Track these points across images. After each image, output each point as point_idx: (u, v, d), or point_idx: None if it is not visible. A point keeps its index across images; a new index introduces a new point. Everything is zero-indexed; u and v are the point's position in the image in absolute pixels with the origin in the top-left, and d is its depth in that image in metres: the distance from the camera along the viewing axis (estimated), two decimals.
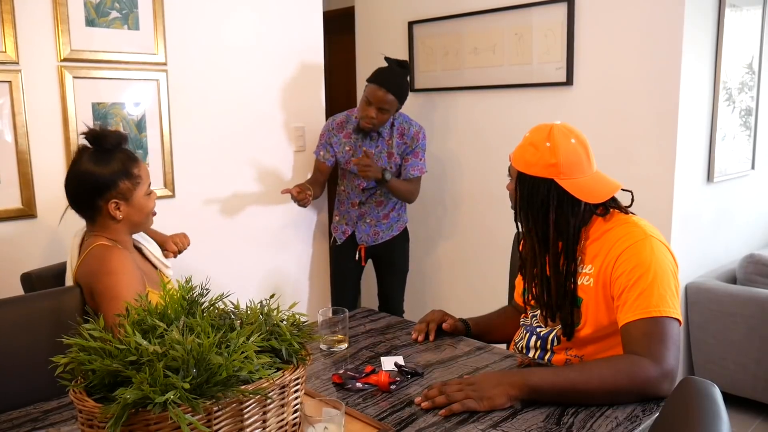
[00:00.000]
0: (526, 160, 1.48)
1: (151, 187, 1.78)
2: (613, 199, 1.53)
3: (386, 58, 2.75)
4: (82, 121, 2.22)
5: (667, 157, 2.60)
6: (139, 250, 1.85)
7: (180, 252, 2.04)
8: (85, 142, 1.68)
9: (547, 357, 1.56)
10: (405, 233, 3.02)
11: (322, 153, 2.83)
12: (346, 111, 2.86)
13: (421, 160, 2.84)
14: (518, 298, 1.75)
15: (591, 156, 1.50)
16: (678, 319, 1.35)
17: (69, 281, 1.72)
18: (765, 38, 3.10)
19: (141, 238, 1.90)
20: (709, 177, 2.85)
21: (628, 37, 2.64)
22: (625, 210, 1.53)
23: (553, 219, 1.47)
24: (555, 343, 1.54)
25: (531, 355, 1.60)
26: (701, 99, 2.73)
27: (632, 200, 1.56)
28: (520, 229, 1.57)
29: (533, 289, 1.58)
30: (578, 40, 2.78)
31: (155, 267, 1.86)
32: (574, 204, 1.47)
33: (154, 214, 1.80)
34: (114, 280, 1.57)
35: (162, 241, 1.99)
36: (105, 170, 1.64)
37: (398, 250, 3.00)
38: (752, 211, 3.37)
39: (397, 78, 2.66)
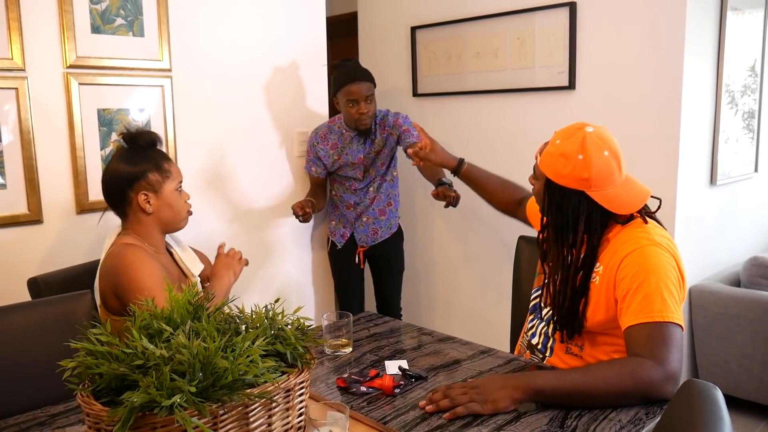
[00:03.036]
0: (557, 170, 1.47)
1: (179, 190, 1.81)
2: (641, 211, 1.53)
3: (333, 65, 2.79)
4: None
5: (670, 160, 2.60)
6: (171, 254, 1.88)
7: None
8: (122, 143, 1.77)
9: (549, 344, 1.60)
10: (400, 232, 3.05)
11: (313, 168, 2.86)
12: (326, 122, 2.88)
13: (412, 133, 2.79)
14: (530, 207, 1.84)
15: (622, 164, 1.49)
16: (681, 326, 1.36)
17: (97, 278, 1.75)
18: (767, 41, 3.10)
19: (175, 243, 1.92)
20: (712, 180, 2.86)
21: (630, 41, 2.65)
22: (646, 217, 1.51)
23: (582, 230, 1.48)
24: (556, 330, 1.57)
25: (534, 341, 1.63)
26: (704, 102, 2.73)
27: (659, 206, 1.56)
28: (544, 234, 1.57)
29: (550, 290, 1.58)
30: (580, 44, 2.79)
31: (184, 273, 1.88)
32: (604, 214, 1.47)
33: (190, 213, 1.84)
34: (135, 273, 1.60)
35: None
36: (136, 165, 1.72)
37: (395, 250, 3.03)
38: (756, 213, 3.37)
39: (358, 66, 2.74)
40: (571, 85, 2.82)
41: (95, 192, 2.27)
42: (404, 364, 1.55)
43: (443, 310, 3.52)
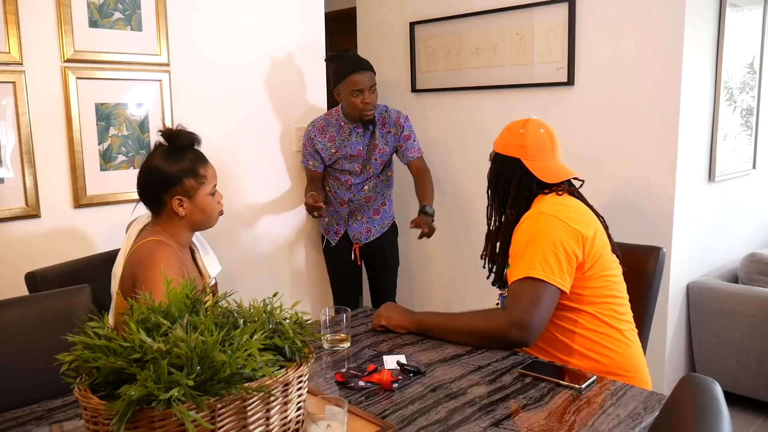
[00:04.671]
0: (502, 141, 1.76)
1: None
2: (568, 183, 1.75)
3: (331, 56, 2.79)
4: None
5: (669, 156, 2.60)
6: (193, 252, 1.89)
7: None
8: (161, 139, 1.77)
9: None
10: (394, 227, 3.05)
11: (311, 162, 2.84)
12: (323, 115, 2.87)
13: (415, 141, 2.87)
14: None
15: (556, 148, 1.74)
16: (541, 280, 1.54)
17: (119, 267, 1.76)
18: (766, 38, 3.10)
19: (199, 243, 1.94)
20: (711, 176, 2.86)
21: (629, 37, 2.65)
22: (569, 191, 1.73)
23: (513, 193, 1.71)
24: None
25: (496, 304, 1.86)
26: (702, 98, 2.73)
27: (581, 185, 1.81)
28: (489, 202, 1.82)
29: (488, 249, 1.84)
30: (579, 40, 2.79)
31: (201, 273, 1.90)
32: (532, 182, 1.71)
33: (221, 213, 1.86)
34: (156, 274, 1.61)
35: None
36: (173, 167, 1.73)
37: (390, 246, 3.02)
38: (753, 210, 3.37)
39: (359, 56, 2.76)
40: (570, 81, 2.82)
41: (93, 186, 2.27)
42: (402, 359, 1.55)
43: (439, 307, 3.52)
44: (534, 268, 1.55)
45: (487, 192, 1.81)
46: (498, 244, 1.79)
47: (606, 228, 1.73)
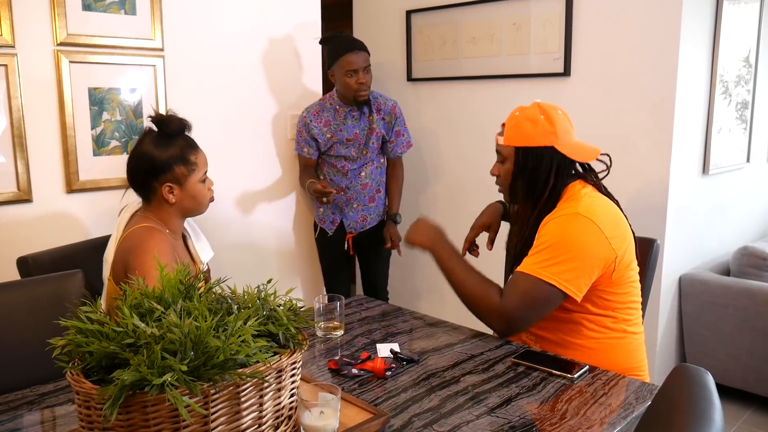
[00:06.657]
0: (526, 133, 1.60)
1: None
2: (590, 171, 1.67)
3: (325, 37, 2.79)
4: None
5: (663, 149, 2.60)
6: (185, 238, 1.89)
7: None
8: (151, 125, 1.76)
9: None
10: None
11: (306, 149, 2.81)
12: (318, 101, 2.85)
13: (404, 136, 2.91)
14: None
15: (572, 125, 1.66)
16: (551, 284, 1.48)
17: (110, 252, 1.76)
18: (762, 32, 3.10)
19: (191, 228, 1.93)
20: (705, 169, 2.86)
21: (626, 29, 2.64)
22: (596, 182, 1.65)
23: (552, 183, 1.60)
24: None
25: None
26: (698, 92, 2.73)
27: (609, 166, 1.67)
28: (513, 203, 1.72)
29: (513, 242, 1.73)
30: (576, 30, 2.78)
31: (193, 259, 1.89)
32: (568, 167, 1.62)
33: (212, 200, 1.85)
34: (148, 260, 1.61)
35: None
36: (163, 154, 1.72)
37: (383, 234, 3.00)
38: (747, 203, 3.39)
39: (353, 37, 2.77)
40: (566, 72, 2.81)
41: (86, 171, 2.25)
42: (396, 347, 1.55)
43: (432, 296, 3.53)
44: (547, 271, 1.49)
45: (515, 191, 1.66)
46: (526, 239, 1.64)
47: (630, 226, 1.65)
